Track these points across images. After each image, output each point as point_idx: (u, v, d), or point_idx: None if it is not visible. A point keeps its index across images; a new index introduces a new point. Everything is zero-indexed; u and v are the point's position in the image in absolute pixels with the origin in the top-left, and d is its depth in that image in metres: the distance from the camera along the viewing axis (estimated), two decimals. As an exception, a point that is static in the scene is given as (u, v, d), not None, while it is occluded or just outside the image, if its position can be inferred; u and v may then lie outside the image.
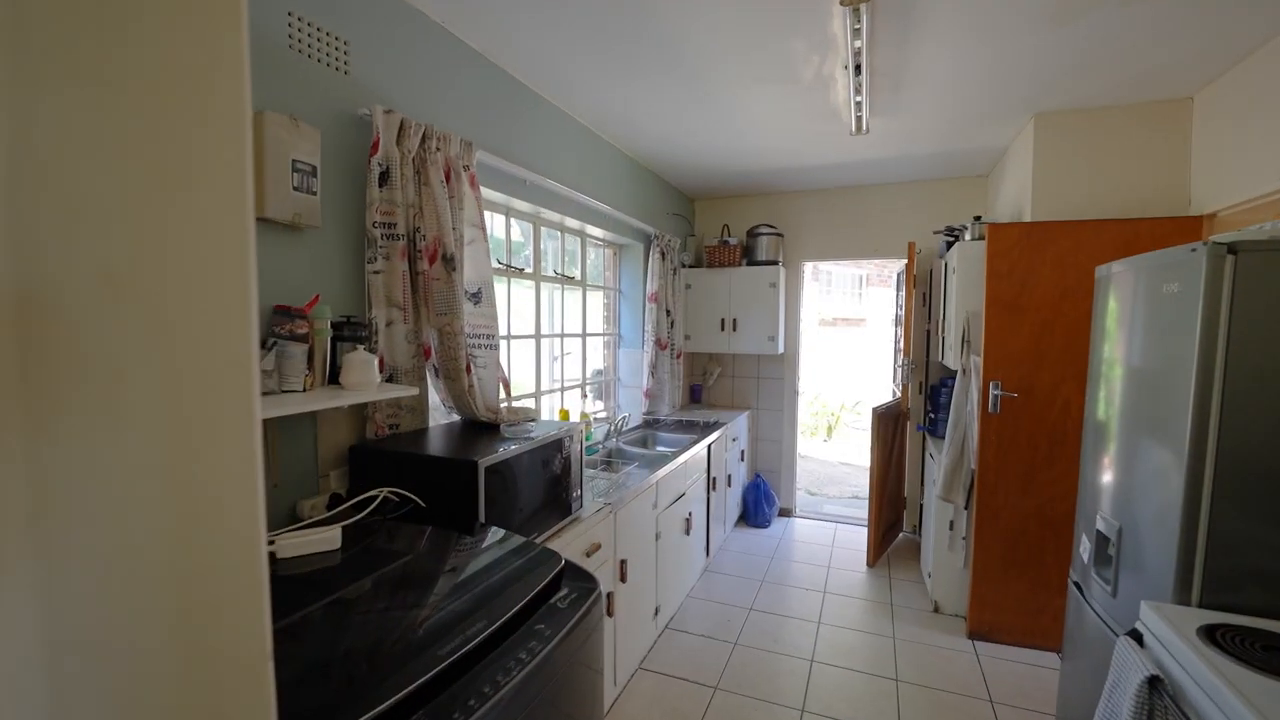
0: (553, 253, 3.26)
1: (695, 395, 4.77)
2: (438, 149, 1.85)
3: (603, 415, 3.89)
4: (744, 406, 4.71)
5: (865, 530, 4.30)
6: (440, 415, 2.09)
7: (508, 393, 2.10)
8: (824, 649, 2.78)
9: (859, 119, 2.76)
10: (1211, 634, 1.23)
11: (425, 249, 1.81)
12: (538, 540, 1.76)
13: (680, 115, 2.92)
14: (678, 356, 4.16)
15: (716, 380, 4.81)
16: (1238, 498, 1.32)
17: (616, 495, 2.28)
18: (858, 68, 2.25)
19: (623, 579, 2.32)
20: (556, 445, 1.86)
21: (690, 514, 3.16)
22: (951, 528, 3.08)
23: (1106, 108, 2.72)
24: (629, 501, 2.38)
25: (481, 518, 1.48)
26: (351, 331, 1.63)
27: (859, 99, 2.56)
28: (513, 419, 1.96)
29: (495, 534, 1.39)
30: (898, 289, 4.74)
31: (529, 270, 2.92)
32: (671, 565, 2.92)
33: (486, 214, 2.65)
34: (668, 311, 3.94)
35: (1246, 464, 1.31)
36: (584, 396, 3.50)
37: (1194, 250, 1.36)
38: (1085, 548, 1.85)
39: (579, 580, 1.21)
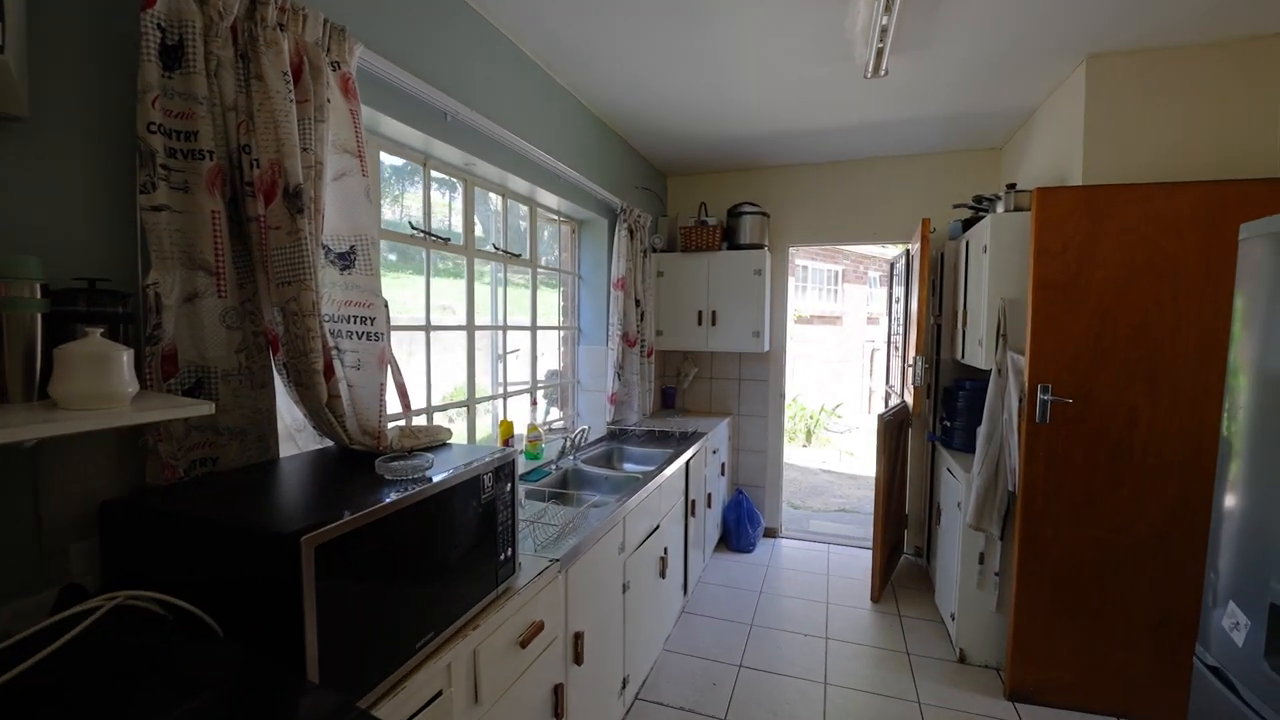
0: (494, 227, 2.59)
1: (668, 400, 4.16)
2: (280, 25, 1.18)
3: (560, 425, 3.23)
4: (724, 412, 4.12)
5: (861, 553, 3.78)
6: (312, 440, 1.42)
7: (406, 407, 1.43)
8: (837, 724, 2.19)
9: (879, 52, 2.18)
10: None
11: (258, 180, 1.14)
12: (433, 645, 1.10)
13: (654, 49, 2.29)
14: (648, 354, 3.53)
15: (692, 382, 4.20)
16: None
17: (569, 544, 1.64)
18: (896, -39, 1.66)
19: (578, 660, 1.68)
20: (470, 488, 1.20)
21: (666, 550, 2.54)
22: (982, 561, 2.53)
23: (1178, 47, 2.21)
24: (587, 550, 1.74)
25: (311, 659, 0.81)
26: (97, 306, 0.94)
27: (885, 20, 1.98)
28: (406, 445, 1.30)
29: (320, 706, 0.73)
30: (890, 282, 4.22)
31: (458, 242, 2.25)
32: (644, 620, 2.29)
33: (395, 161, 1.99)
34: (637, 301, 3.31)
35: None
36: (534, 404, 2.84)
37: None
38: (1240, 624, 1.29)
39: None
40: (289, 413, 1.35)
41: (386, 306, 1.38)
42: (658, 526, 2.43)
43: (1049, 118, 2.71)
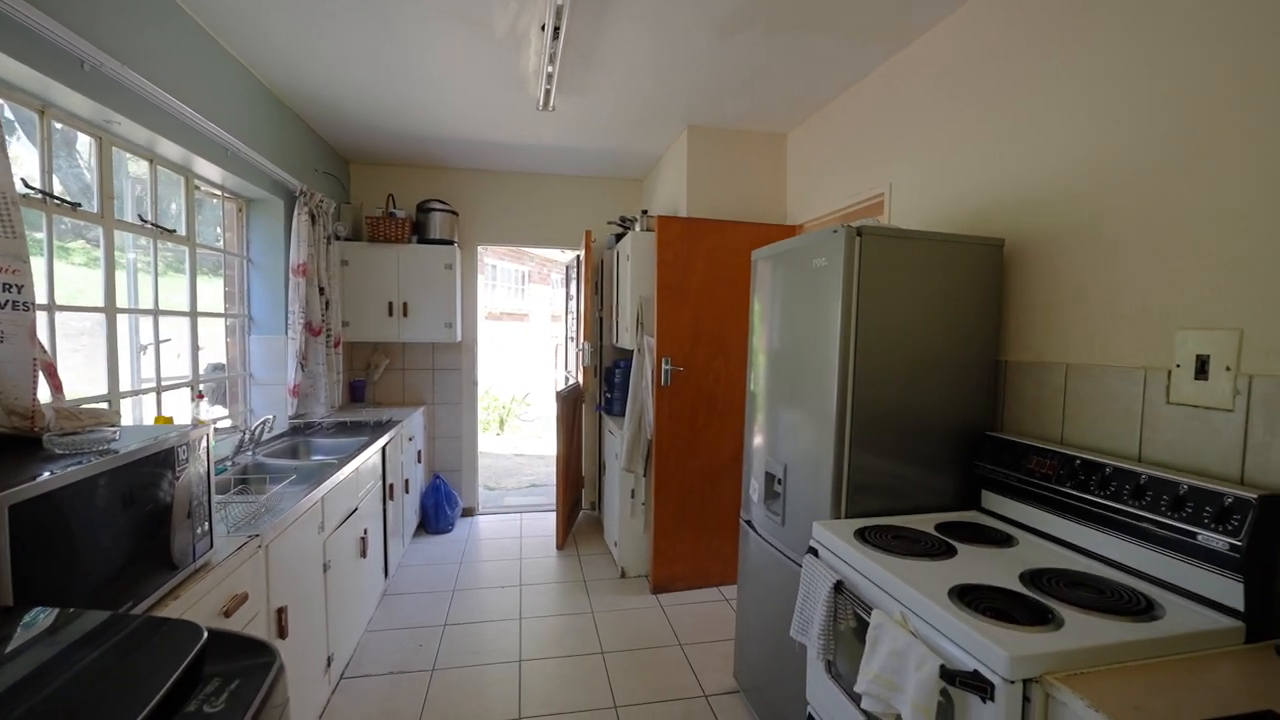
0: (133, 198, 2.25)
1: (357, 393, 4.05)
2: None
3: (229, 424, 2.92)
4: (417, 402, 4.22)
5: (549, 516, 4.36)
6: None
7: (57, 388, 1.29)
8: (530, 645, 2.63)
9: (547, 92, 2.69)
10: (862, 535, 1.52)
11: None
12: (135, 612, 1.11)
13: (334, 41, 2.35)
14: (335, 345, 3.43)
15: (384, 374, 4.17)
16: (864, 431, 1.68)
17: (268, 522, 1.67)
18: (556, 30, 2.15)
19: (282, 634, 1.71)
20: (163, 461, 1.21)
21: (366, 531, 2.61)
22: (633, 496, 3.31)
23: (739, 130, 3.30)
24: (287, 527, 1.77)
25: (6, 597, 0.82)
26: None
27: (550, 69, 2.48)
28: (67, 428, 1.21)
29: (41, 618, 0.78)
30: (567, 283, 4.95)
31: (90, 209, 1.93)
32: (346, 599, 2.35)
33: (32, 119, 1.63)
34: (321, 289, 3.20)
35: (869, 404, 1.68)
36: (196, 398, 2.54)
37: (835, 232, 1.68)
38: (755, 489, 2.15)
39: (242, 656, 0.75)
40: None
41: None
42: (356, 508, 2.49)
43: (670, 163, 3.66)
